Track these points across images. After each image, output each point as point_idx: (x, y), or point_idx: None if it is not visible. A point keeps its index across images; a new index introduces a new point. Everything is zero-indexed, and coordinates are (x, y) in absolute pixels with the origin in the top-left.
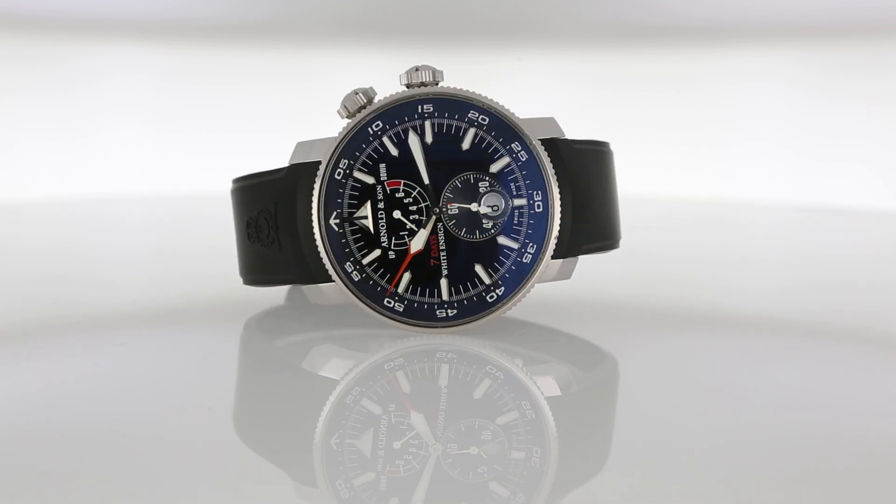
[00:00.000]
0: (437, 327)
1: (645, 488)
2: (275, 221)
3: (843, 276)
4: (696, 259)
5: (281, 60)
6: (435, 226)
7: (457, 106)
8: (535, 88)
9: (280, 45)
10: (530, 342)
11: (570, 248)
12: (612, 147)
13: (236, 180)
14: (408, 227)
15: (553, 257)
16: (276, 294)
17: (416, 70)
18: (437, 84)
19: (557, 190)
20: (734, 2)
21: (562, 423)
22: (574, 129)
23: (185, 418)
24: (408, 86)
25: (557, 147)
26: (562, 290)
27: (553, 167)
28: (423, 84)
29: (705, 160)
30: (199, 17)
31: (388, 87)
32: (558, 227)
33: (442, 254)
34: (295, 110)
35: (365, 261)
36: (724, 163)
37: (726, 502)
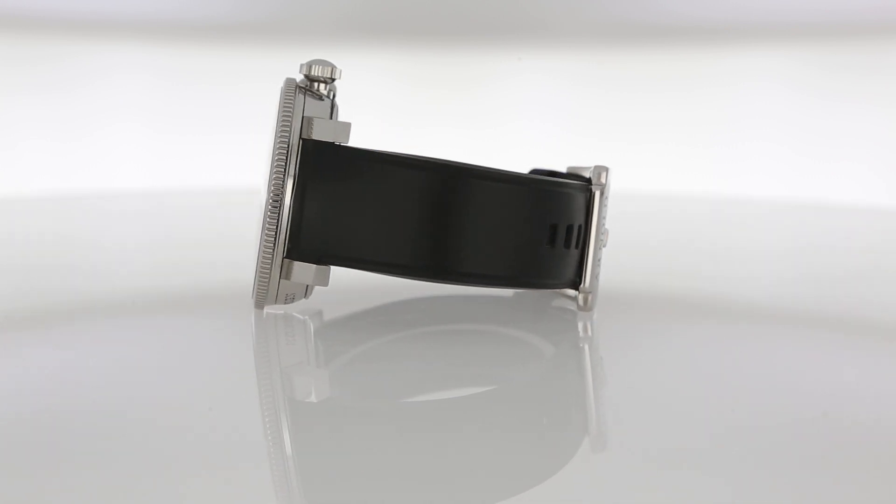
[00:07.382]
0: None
1: (647, 476)
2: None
3: (840, 270)
4: (695, 261)
5: (281, 60)
6: None
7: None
8: (536, 88)
9: (280, 45)
10: (533, 326)
11: (311, 254)
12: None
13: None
14: None
15: (294, 258)
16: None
17: (310, 65)
18: (332, 80)
19: (278, 185)
20: (734, 2)
21: (542, 414)
22: (574, 130)
23: (177, 405)
24: (305, 76)
25: (321, 151)
26: None
27: (286, 166)
28: (315, 79)
29: (705, 160)
30: (199, 17)
31: (388, 87)
32: (269, 226)
33: None
34: None
35: None
36: (724, 162)
37: (728, 486)
